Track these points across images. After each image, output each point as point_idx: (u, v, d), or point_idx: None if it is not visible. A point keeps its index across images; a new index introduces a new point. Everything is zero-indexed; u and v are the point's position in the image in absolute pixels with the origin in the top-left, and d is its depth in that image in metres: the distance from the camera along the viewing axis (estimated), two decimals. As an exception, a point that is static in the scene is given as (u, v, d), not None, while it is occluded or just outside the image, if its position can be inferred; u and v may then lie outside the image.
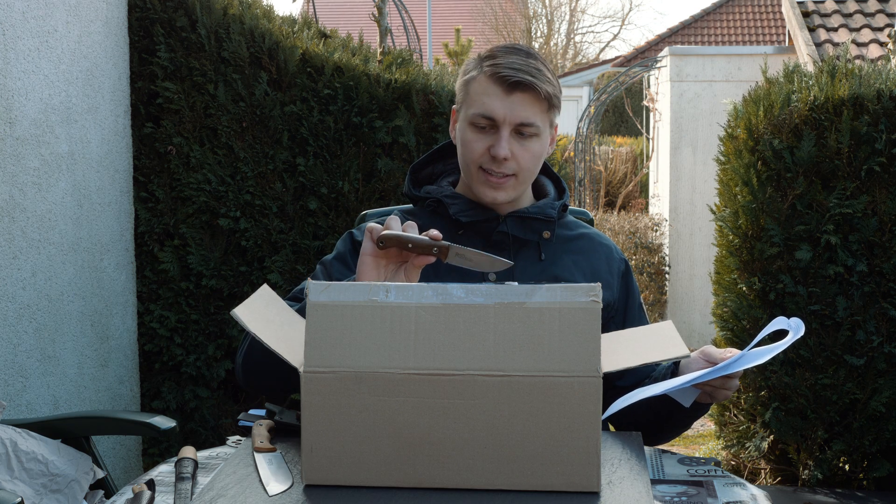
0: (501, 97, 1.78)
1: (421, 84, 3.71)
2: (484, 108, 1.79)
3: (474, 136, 1.81)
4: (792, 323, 1.53)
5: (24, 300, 3.02)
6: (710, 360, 1.61)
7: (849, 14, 8.22)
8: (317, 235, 3.75)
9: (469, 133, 1.81)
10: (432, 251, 1.59)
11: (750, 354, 1.53)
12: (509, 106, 1.78)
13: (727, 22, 15.84)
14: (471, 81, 1.82)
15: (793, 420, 4.02)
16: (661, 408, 1.72)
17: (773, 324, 1.56)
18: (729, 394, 1.63)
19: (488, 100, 1.78)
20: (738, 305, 4.05)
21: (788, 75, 4.08)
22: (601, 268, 1.89)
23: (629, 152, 14.23)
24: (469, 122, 1.81)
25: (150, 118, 3.76)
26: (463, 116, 1.84)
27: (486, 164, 1.80)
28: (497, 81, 1.78)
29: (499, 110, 1.78)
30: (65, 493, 2.49)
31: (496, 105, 1.78)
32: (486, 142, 1.80)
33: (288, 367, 1.40)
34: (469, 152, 1.82)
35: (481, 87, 1.80)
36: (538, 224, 1.85)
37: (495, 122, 1.78)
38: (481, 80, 1.80)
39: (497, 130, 1.79)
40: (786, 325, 1.54)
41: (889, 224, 3.89)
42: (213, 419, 3.83)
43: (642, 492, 1.32)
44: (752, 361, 1.52)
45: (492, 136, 1.79)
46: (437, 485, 1.32)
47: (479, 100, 1.79)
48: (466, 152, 1.82)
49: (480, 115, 1.79)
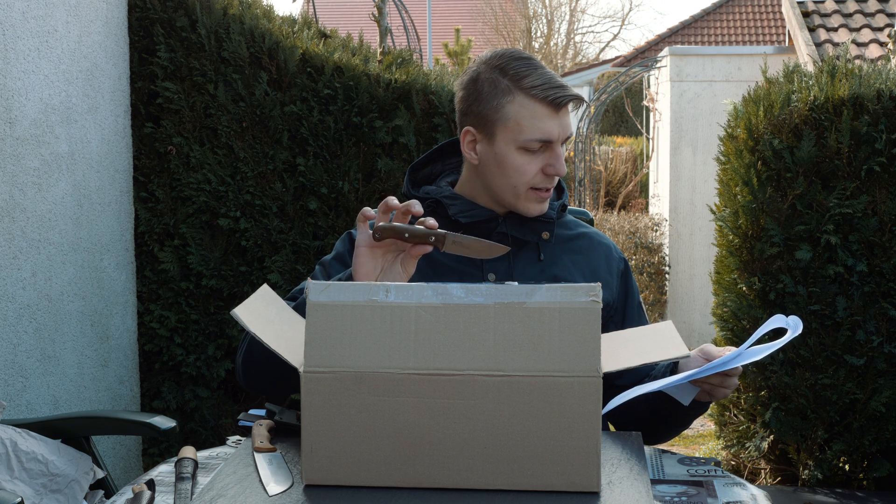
0: (553, 118, 1.76)
1: (421, 84, 3.71)
2: (541, 133, 1.75)
3: (526, 160, 1.77)
4: (790, 321, 1.53)
5: (24, 300, 3.02)
6: (709, 357, 1.61)
7: (849, 14, 8.22)
8: (317, 235, 3.75)
9: (519, 157, 1.77)
10: (429, 240, 1.58)
11: (748, 352, 1.54)
12: (561, 124, 1.77)
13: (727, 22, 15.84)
14: (507, 105, 1.76)
15: (793, 420, 4.02)
16: (661, 406, 1.72)
17: (772, 321, 1.56)
18: (728, 392, 1.63)
19: (542, 124, 1.75)
20: (738, 305, 4.05)
21: (788, 75, 4.08)
22: (600, 267, 1.90)
23: (629, 152, 14.23)
24: (519, 146, 1.77)
25: (150, 118, 3.76)
26: (505, 140, 1.78)
27: (541, 184, 1.79)
28: (549, 104, 1.75)
29: (555, 131, 1.76)
30: (65, 493, 2.49)
31: (552, 127, 1.76)
32: (539, 162, 1.78)
33: (288, 367, 1.40)
34: (522, 175, 1.78)
35: (529, 111, 1.75)
36: (538, 225, 1.85)
37: (551, 143, 1.77)
38: (525, 104, 1.75)
39: (548, 149, 1.77)
40: (784, 323, 1.54)
41: (889, 224, 3.89)
42: (213, 419, 3.83)
43: (642, 492, 1.32)
44: (749, 358, 1.52)
45: (543, 155, 1.78)
46: (437, 485, 1.32)
47: (531, 124, 1.75)
48: (517, 175, 1.78)
49: (537, 140, 1.76)
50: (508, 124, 1.76)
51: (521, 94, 1.75)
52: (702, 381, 1.61)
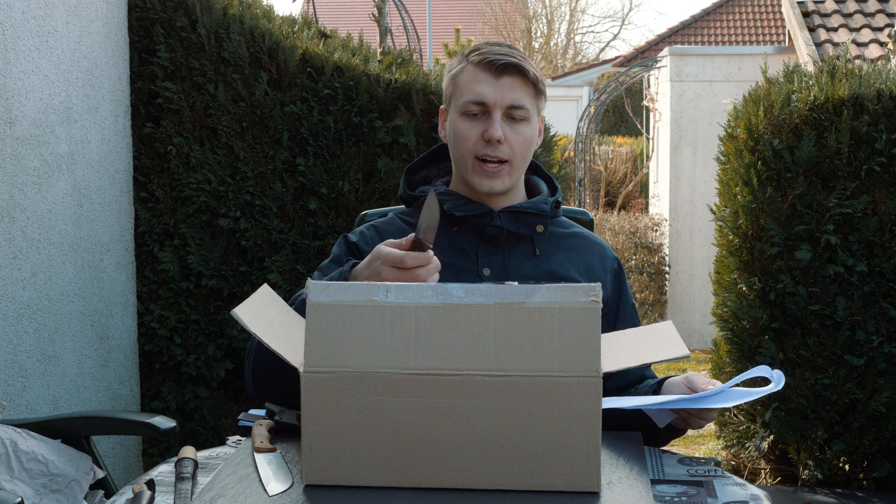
0: (491, 82, 1.80)
1: (421, 84, 3.71)
2: (474, 94, 1.80)
3: (467, 125, 1.82)
4: (774, 374, 1.53)
5: (24, 300, 3.02)
6: (693, 388, 1.61)
7: (849, 14, 8.22)
8: (317, 235, 3.75)
9: (461, 123, 1.83)
10: (425, 250, 1.55)
11: (729, 392, 1.53)
12: (499, 90, 1.80)
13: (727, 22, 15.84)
14: (458, 74, 1.85)
15: (793, 420, 4.02)
16: (637, 421, 1.72)
17: (757, 370, 1.56)
18: (703, 424, 1.63)
19: (478, 86, 1.80)
20: (738, 305, 4.05)
21: (788, 75, 4.08)
22: (595, 264, 1.91)
23: (629, 152, 14.22)
24: (460, 112, 1.83)
25: (150, 118, 3.76)
26: (453, 109, 1.85)
27: (481, 151, 1.81)
28: (485, 67, 1.80)
29: (489, 94, 1.80)
30: (65, 493, 2.49)
31: (486, 90, 1.80)
32: (479, 128, 1.81)
33: (295, 371, 1.40)
34: (462, 141, 1.83)
35: (470, 76, 1.82)
36: (531, 218, 1.87)
37: (487, 106, 1.80)
38: (469, 70, 1.83)
39: (489, 115, 1.81)
40: (768, 373, 1.54)
41: (889, 224, 3.89)
42: (213, 419, 3.83)
43: (642, 492, 1.32)
44: (728, 401, 1.51)
45: (484, 122, 1.81)
46: (437, 485, 1.32)
47: (469, 88, 1.81)
48: (459, 142, 1.83)
49: (471, 101, 1.80)
50: (457, 92, 1.84)
51: (468, 64, 1.83)
52: (679, 409, 1.61)
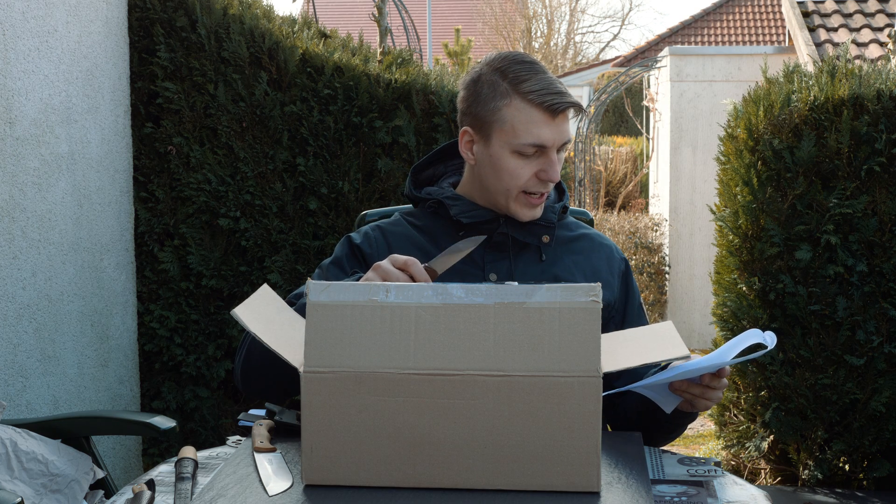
0: (549, 124, 1.75)
1: (421, 84, 3.71)
2: (534, 137, 1.75)
3: (519, 164, 1.77)
4: (767, 337, 1.52)
5: (24, 300, 3.02)
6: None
7: (849, 14, 8.22)
8: (317, 235, 3.75)
9: (512, 161, 1.77)
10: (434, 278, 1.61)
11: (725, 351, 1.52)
12: (557, 131, 1.76)
13: (727, 22, 15.84)
14: (504, 108, 1.76)
15: (793, 420, 4.02)
16: (648, 414, 1.72)
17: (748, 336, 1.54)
18: (710, 404, 1.62)
19: (536, 129, 1.74)
20: (738, 305, 4.05)
21: (788, 75, 4.08)
22: (601, 268, 1.90)
23: (629, 152, 14.22)
24: (512, 150, 1.76)
25: (150, 118, 3.76)
26: (499, 143, 1.78)
27: (533, 188, 1.79)
28: (545, 110, 1.74)
29: (549, 137, 1.75)
30: (65, 493, 2.49)
31: (546, 133, 1.75)
32: (532, 166, 1.77)
33: (287, 369, 1.40)
34: (514, 179, 1.78)
35: (525, 116, 1.75)
36: (538, 228, 1.85)
37: (545, 149, 1.76)
38: (521, 108, 1.75)
39: (543, 154, 1.77)
40: (760, 338, 1.52)
41: (889, 224, 3.89)
42: (213, 419, 3.83)
43: (642, 492, 1.32)
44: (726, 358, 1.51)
45: (537, 160, 1.77)
46: (437, 485, 1.32)
47: (527, 130, 1.74)
48: (508, 178, 1.78)
49: (531, 144, 1.75)
50: (504, 127, 1.76)
51: (518, 98, 1.75)
52: (682, 391, 1.60)
